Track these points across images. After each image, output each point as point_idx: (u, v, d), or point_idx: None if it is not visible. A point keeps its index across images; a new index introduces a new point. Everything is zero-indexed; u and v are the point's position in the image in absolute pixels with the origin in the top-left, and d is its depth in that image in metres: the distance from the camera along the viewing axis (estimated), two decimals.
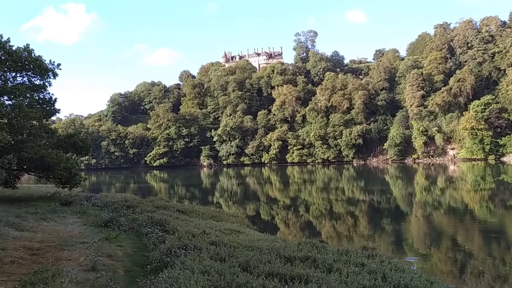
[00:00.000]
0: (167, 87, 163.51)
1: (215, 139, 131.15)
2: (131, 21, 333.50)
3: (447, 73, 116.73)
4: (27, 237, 12.31)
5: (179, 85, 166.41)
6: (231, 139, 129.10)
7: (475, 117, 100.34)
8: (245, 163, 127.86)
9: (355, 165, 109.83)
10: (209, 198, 43.46)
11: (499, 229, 22.49)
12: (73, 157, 26.47)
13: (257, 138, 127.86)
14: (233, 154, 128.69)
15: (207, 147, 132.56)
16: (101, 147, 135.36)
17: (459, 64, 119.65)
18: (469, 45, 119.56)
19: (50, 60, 26.03)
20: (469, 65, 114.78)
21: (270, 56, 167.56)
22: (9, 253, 9.86)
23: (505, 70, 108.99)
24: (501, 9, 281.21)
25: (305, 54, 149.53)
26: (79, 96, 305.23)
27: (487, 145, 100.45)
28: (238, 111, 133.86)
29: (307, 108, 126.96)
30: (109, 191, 44.37)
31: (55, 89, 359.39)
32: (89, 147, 28.14)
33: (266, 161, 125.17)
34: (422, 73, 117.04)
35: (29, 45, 24.77)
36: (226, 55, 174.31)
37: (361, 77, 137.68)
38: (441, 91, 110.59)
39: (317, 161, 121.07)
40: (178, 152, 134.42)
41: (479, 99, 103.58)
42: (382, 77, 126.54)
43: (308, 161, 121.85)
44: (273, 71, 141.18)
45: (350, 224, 25.41)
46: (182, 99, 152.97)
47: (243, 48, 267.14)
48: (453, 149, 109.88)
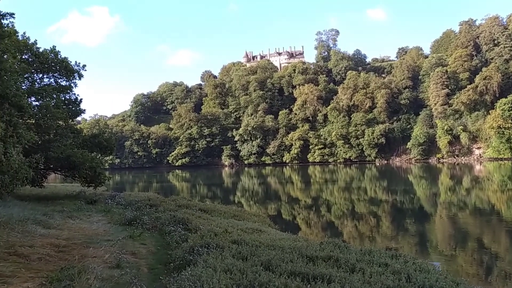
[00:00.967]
0: (189, 87, 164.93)
1: (236, 138, 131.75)
2: (153, 23, 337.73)
3: (472, 70, 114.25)
4: (54, 234, 12.58)
5: (200, 85, 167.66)
6: (252, 138, 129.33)
7: (502, 116, 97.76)
8: (266, 162, 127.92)
9: (377, 164, 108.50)
10: (231, 197, 43.52)
11: None
12: (98, 156, 26.96)
13: (278, 137, 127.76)
14: (254, 153, 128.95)
15: (228, 146, 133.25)
16: (125, 147, 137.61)
17: (485, 61, 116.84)
18: (496, 42, 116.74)
19: (75, 61, 26.65)
20: (495, 62, 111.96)
21: (291, 55, 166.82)
22: (36, 250, 10.11)
23: None
24: None
25: (326, 53, 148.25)
26: (103, 96, 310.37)
27: None
28: (259, 110, 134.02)
29: (329, 107, 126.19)
30: (133, 190, 45.10)
31: (80, 90, 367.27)
32: (113, 147, 28.68)
33: (287, 161, 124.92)
34: (447, 71, 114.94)
35: (55, 47, 25.39)
36: (247, 55, 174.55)
37: (383, 75, 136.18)
38: (466, 89, 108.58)
39: (338, 161, 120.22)
40: (200, 151, 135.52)
41: (506, 97, 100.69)
42: (405, 75, 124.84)
43: (329, 160, 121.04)
44: (294, 70, 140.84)
45: (372, 224, 25.06)
46: (203, 99, 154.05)
47: (264, 48, 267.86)
48: (479, 148, 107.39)
